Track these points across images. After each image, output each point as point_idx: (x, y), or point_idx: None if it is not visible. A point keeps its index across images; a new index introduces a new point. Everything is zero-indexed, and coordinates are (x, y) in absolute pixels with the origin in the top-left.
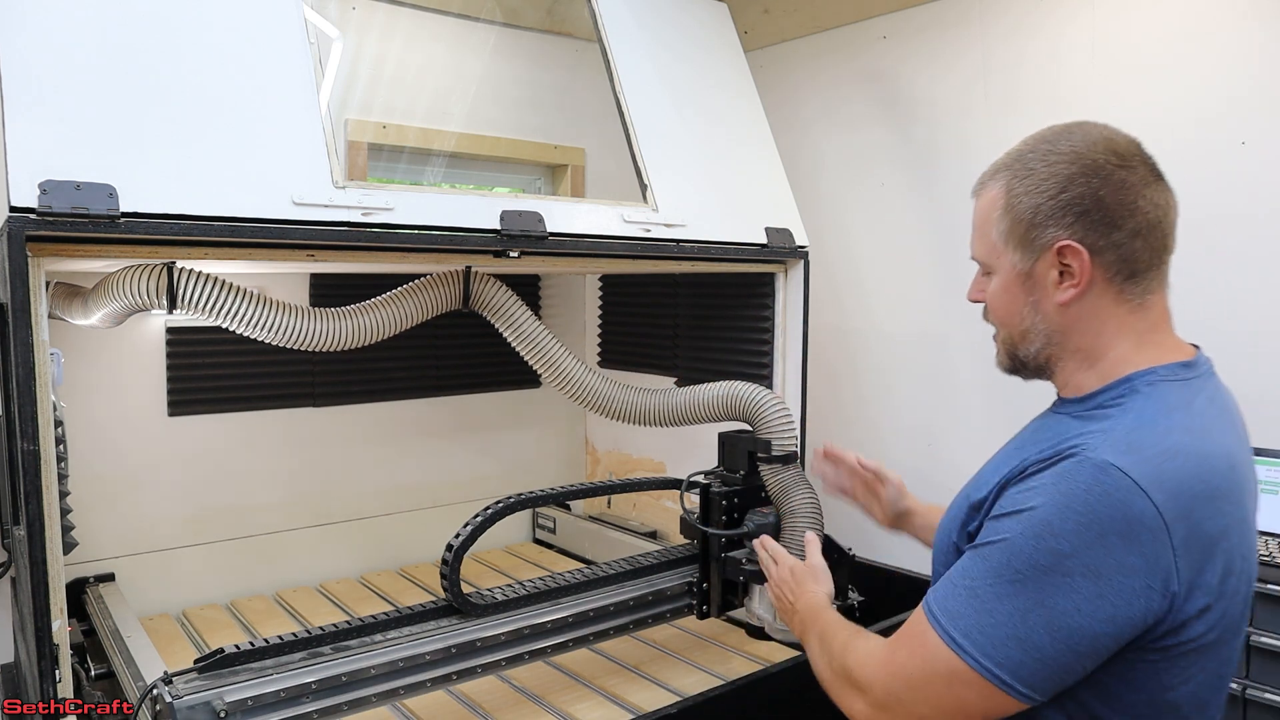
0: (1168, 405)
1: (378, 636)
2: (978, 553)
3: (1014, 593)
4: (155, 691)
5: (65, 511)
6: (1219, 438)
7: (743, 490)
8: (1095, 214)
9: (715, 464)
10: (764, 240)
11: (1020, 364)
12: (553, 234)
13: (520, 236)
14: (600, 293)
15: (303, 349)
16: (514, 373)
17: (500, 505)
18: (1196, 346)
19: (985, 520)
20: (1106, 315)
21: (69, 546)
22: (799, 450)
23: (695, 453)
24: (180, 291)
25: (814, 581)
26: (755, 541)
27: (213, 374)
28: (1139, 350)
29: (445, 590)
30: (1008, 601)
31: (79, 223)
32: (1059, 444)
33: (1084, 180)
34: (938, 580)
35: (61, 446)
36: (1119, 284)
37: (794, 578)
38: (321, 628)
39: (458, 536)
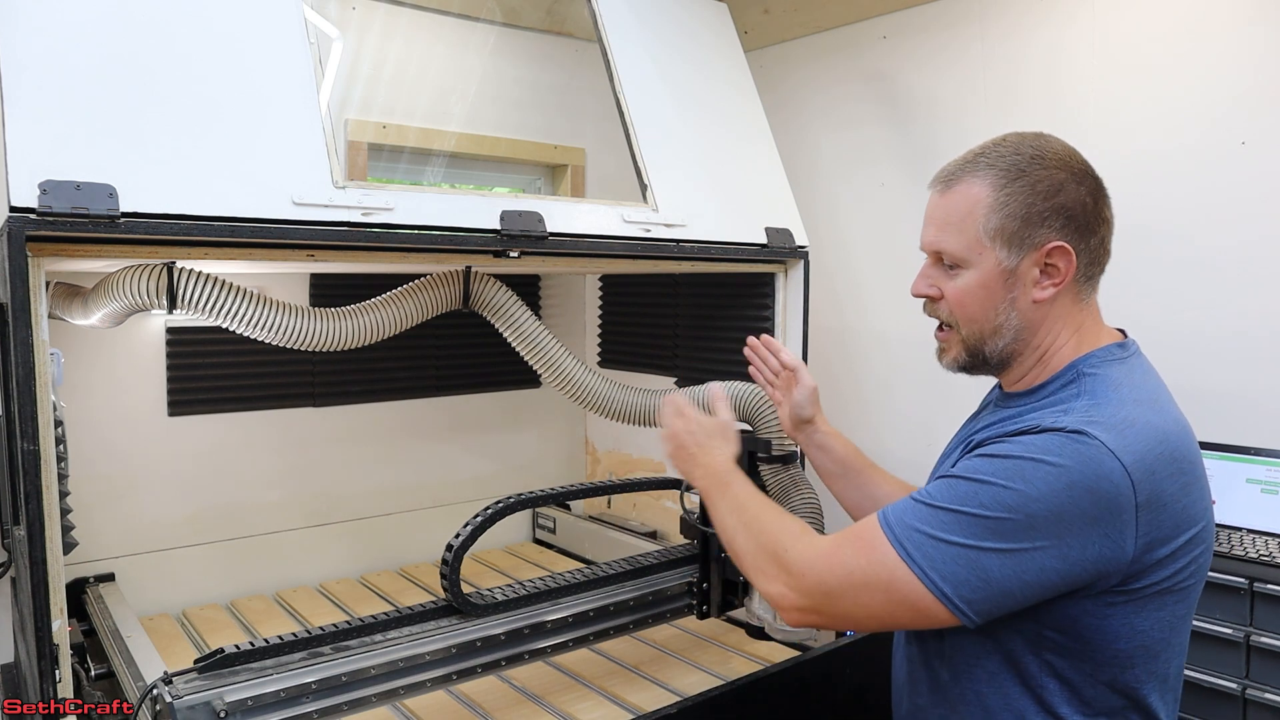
0: (1113, 382)
1: (378, 636)
2: (946, 482)
3: (974, 520)
4: (155, 691)
5: (65, 511)
6: (1167, 407)
7: None
8: (1080, 219)
9: None
10: (764, 240)
11: (981, 360)
12: (553, 234)
13: (520, 236)
14: (600, 293)
15: (303, 349)
16: (514, 373)
17: (500, 505)
18: (1123, 331)
19: (959, 460)
20: (1064, 313)
21: (69, 546)
22: (799, 450)
23: None
24: (180, 291)
25: (722, 439)
26: (664, 398)
27: (213, 374)
28: (1080, 342)
29: (445, 590)
30: (966, 526)
31: (79, 223)
32: (1022, 424)
33: (1074, 186)
34: None
35: (61, 446)
36: (1079, 284)
37: (702, 430)
38: (321, 628)
39: (458, 536)
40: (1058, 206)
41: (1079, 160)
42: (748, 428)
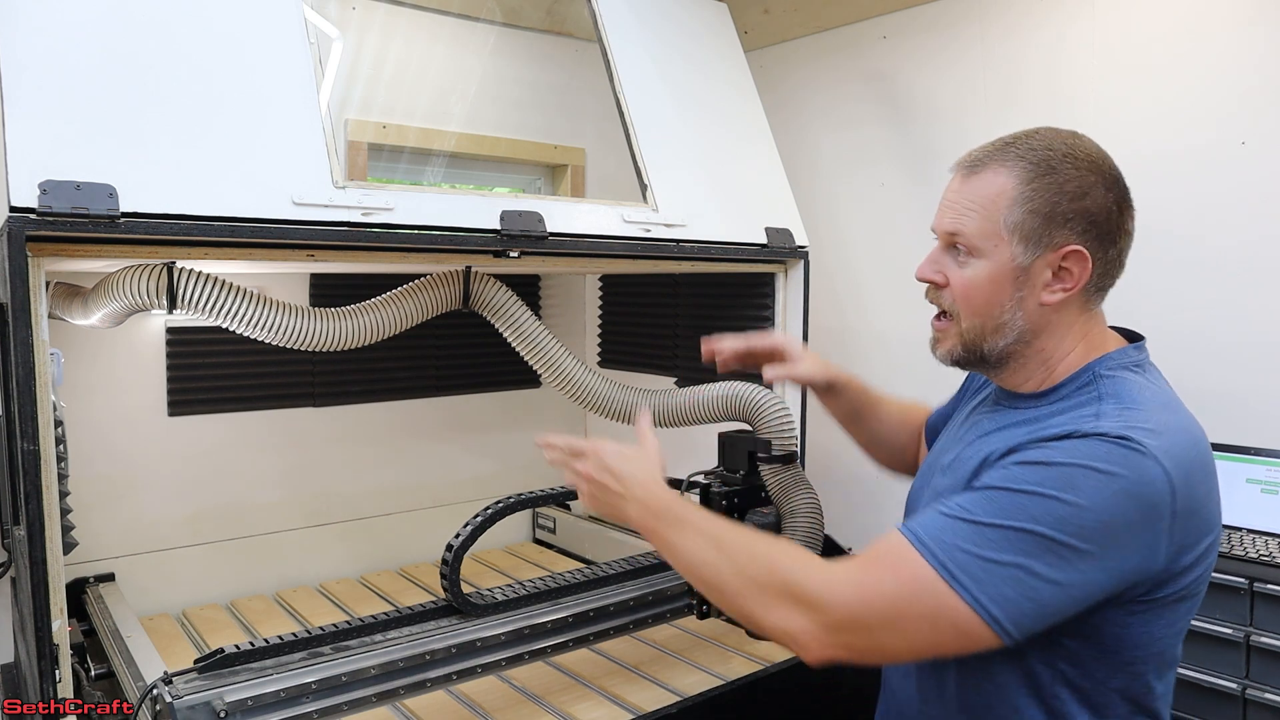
0: (1134, 385)
1: (378, 636)
2: (984, 494)
3: (1024, 536)
4: (155, 691)
5: (65, 511)
6: (1186, 412)
7: (743, 490)
8: (1103, 226)
9: (715, 464)
10: (764, 240)
11: (979, 357)
12: (553, 234)
13: (520, 236)
14: (600, 293)
15: (303, 349)
16: (514, 373)
17: (500, 505)
18: (1133, 335)
19: (985, 470)
20: (1072, 320)
21: (69, 546)
22: (799, 450)
23: (695, 453)
24: (180, 291)
25: (645, 463)
26: (542, 441)
27: (213, 374)
28: (1089, 349)
29: (445, 590)
30: (1015, 543)
31: (79, 223)
32: (1053, 428)
33: (1103, 191)
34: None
35: (61, 446)
36: (1090, 294)
37: (618, 462)
38: (321, 628)
39: (458, 536)
40: (1082, 210)
41: (1110, 166)
42: (747, 427)
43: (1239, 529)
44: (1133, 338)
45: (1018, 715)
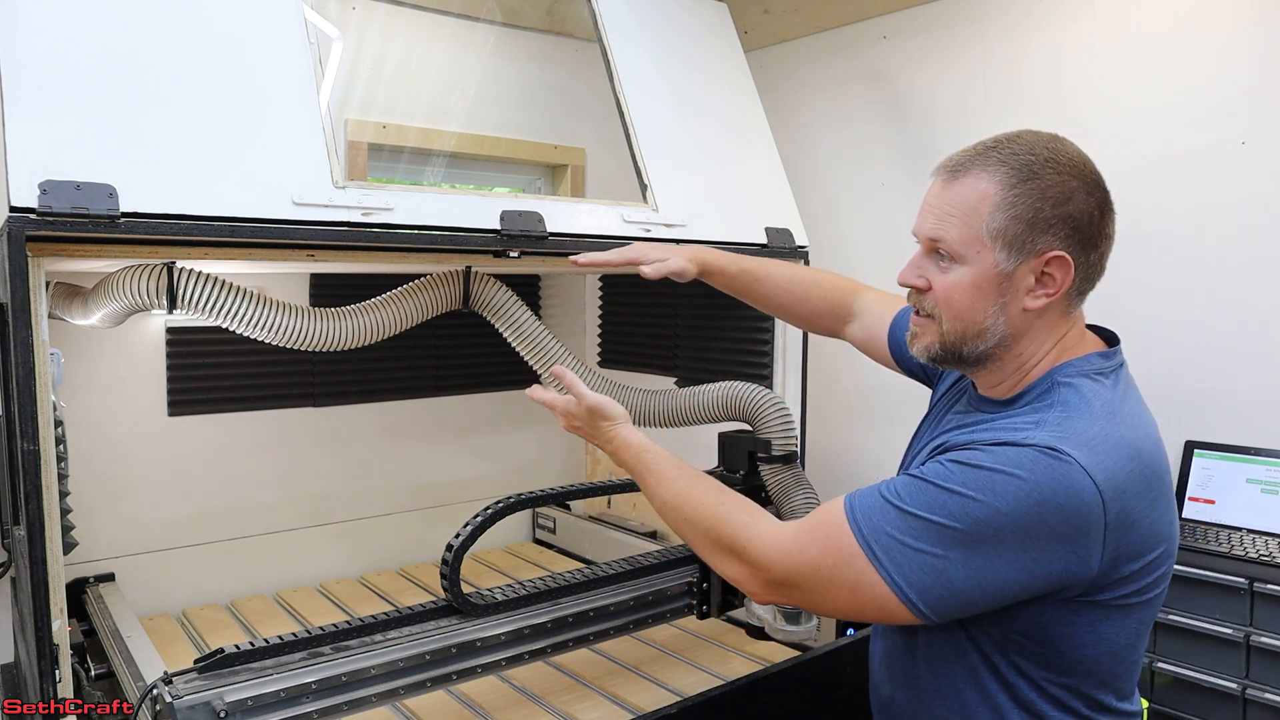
0: (1087, 394)
1: (378, 636)
2: (917, 483)
3: (941, 530)
4: (155, 691)
5: (65, 511)
6: (1140, 419)
7: (743, 490)
8: (1085, 231)
9: (715, 464)
10: (764, 240)
11: (957, 357)
12: (553, 234)
13: (520, 236)
14: (600, 293)
15: (303, 349)
16: (514, 373)
17: (500, 505)
18: (1110, 338)
19: (928, 459)
20: (1051, 325)
21: (69, 546)
22: (799, 450)
23: (695, 453)
24: (180, 291)
25: (604, 420)
26: (529, 393)
27: (213, 374)
28: (1059, 354)
29: (445, 590)
30: (933, 535)
31: (79, 223)
32: (996, 434)
33: (1085, 196)
34: None
35: (61, 446)
36: (1070, 298)
37: (583, 421)
38: (321, 628)
39: (458, 536)
40: (1065, 215)
41: (1092, 170)
42: (747, 427)
43: (1239, 529)
44: (1111, 339)
45: (985, 701)
